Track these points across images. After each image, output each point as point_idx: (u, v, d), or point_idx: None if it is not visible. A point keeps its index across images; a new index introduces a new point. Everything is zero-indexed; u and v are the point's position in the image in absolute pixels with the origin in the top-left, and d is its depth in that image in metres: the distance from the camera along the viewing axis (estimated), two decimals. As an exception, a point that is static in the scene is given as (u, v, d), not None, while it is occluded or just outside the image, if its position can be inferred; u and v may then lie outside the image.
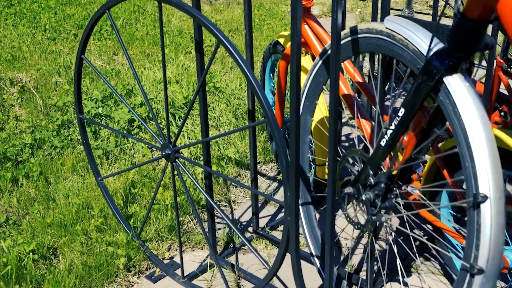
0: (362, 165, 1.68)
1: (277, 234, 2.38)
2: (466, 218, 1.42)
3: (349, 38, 1.67)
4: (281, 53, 2.53)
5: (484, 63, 3.45)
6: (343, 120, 3.21)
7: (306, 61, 2.32)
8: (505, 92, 2.42)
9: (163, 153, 1.93)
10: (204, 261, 2.23)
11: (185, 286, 2.09)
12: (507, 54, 2.32)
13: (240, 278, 2.12)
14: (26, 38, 4.57)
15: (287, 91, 2.50)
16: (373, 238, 1.78)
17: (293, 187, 1.54)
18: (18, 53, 4.23)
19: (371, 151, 1.69)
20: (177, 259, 2.23)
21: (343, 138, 3.08)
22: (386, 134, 1.59)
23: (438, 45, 1.41)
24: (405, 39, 1.50)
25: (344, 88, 1.97)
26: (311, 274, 2.12)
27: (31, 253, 2.14)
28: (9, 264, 2.06)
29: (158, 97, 3.44)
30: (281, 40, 2.50)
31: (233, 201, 2.61)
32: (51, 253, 2.22)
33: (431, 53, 1.40)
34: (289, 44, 2.41)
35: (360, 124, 1.95)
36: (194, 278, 2.14)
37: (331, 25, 1.42)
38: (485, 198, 1.32)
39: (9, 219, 2.42)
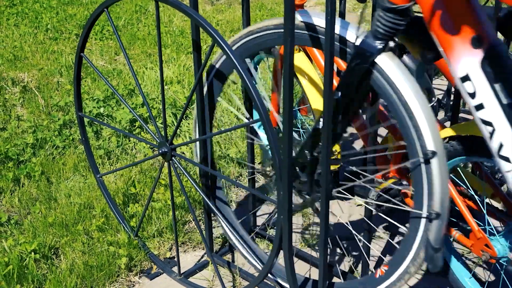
0: (297, 149, 1.77)
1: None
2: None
3: (265, 32, 1.75)
4: (267, 52, 2.53)
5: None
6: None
7: (299, 58, 2.32)
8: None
9: (160, 151, 1.94)
10: (200, 260, 2.24)
11: (182, 283, 2.10)
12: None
13: (236, 276, 2.13)
14: (28, 38, 4.58)
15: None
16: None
17: (286, 185, 1.55)
18: (20, 53, 4.24)
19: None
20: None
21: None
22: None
23: (363, 31, 1.55)
24: (323, 28, 1.60)
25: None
26: (304, 272, 2.12)
27: (32, 253, 2.15)
28: (11, 264, 2.06)
29: (160, 97, 3.45)
30: None
31: (235, 201, 2.62)
32: (52, 252, 2.23)
33: (360, 39, 1.54)
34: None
35: None
36: (191, 275, 2.15)
37: (325, 25, 1.43)
38: (434, 153, 1.52)
39: (10, 218, 2.43)
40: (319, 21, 1.62)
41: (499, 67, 1.45)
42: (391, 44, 1.54)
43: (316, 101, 2.15)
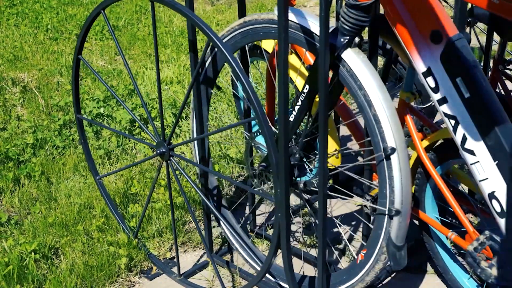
0: None
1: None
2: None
3: (245, 28, 1.82)
4: (259, 55, 2.54)
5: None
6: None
7: (291, 59, 2.33)
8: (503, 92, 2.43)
9: (158, 151, 1.94)
10: (199, 260, 2.24)
11: (182, 283, 2.11)
12: (503, 55, 2.33)
13: (236, 276, 2.13)
14: (28, 38, 4.59)
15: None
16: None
17: (283, 183, 1.55)
18: (20, 53, 4.24)
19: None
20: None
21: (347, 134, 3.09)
22: (294, 110, 1.74)
23: (330, 27, 1.58)
24: (298, 23, 1.65)
25: None
26: (297, 269, 2.13)
27: (32, 253, 2.15)
28: (11, 264, 2.07)
29: (160, 97, 3.45)
30: (264, 45, 2.50)
31: (236, 202, 2.61)
32: (52, 253, 2.23)
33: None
34: (267, 43, 2.43)
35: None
36: (191, 276, 2.15)
37: (319, 23, 1.44)
38: (393, 150, 1.53)
39: (10, 218, 2.43)
40: (293, 17, 1.65)
41: (460, 61, 1.48)
42: (357, 39, 1.58)
43: None
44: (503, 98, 2.42)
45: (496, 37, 2.38)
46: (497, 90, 2.42)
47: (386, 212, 1.60)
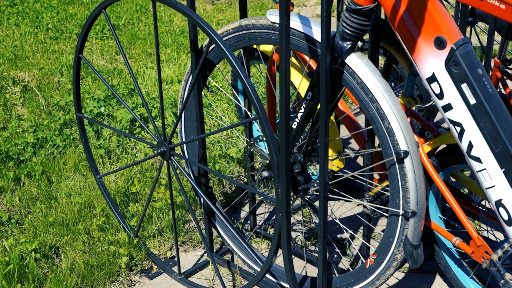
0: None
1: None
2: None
3: (242, 32, 1.80)
4: (256, 58, 2.54)
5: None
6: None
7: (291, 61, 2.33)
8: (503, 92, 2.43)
9: (158, 151, 1.94)
10: (200, 259, 2.24)
11: (182, 283, 2.11)
12: (504, 55, 2.33)
13: (236, 276, 2.13)
14: (28, 38, 4.58)
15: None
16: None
17: (284, 183, 1.55)
18: (20, 53, 4.24)
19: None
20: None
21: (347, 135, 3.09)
22: (297, 117, 1.73)
23: (331, 32, 1.56)
24: (300, 30, 1.64)
25: None
26: (299, 269, 2.13)
27: (33, 252, 2.15)
28: (11, 263, 2.07)
29: (160, 97, 3.44)
30: (262, 48, 2.50)
31: (238, 202, 2.62)
32: (53, 252, 2.23)
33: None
34: (268, 47, 2.43)
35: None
36: (191, 275, 2.15)
37: (321, 23, 1.44)
38: (406, 153, 1.54)
39: (11, 218, 2.43)
40: (305, 26, 1.64)
41: (465, 67, 1.46)
42: (360, 44, 1.56)
43: None
44: (504, 98, 2.42)
45: (497, 37, 2.38)
46: (498, 90, 2.43)
47: (401, 214, 1.61)
